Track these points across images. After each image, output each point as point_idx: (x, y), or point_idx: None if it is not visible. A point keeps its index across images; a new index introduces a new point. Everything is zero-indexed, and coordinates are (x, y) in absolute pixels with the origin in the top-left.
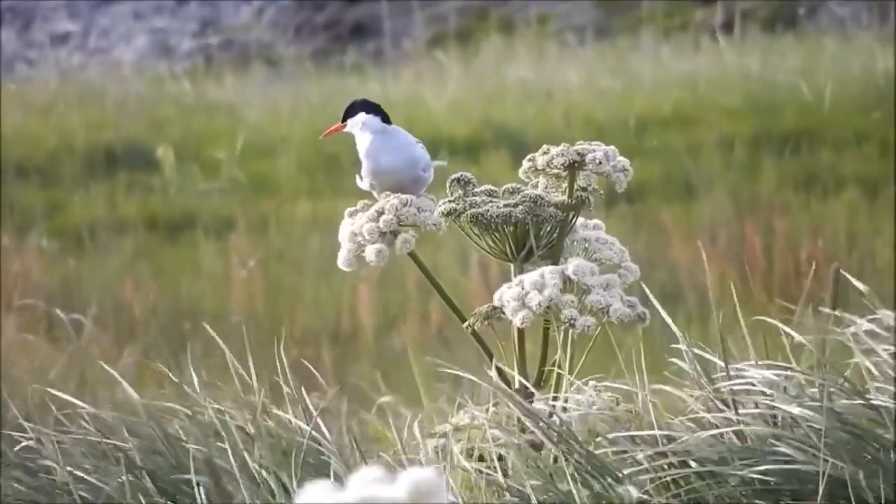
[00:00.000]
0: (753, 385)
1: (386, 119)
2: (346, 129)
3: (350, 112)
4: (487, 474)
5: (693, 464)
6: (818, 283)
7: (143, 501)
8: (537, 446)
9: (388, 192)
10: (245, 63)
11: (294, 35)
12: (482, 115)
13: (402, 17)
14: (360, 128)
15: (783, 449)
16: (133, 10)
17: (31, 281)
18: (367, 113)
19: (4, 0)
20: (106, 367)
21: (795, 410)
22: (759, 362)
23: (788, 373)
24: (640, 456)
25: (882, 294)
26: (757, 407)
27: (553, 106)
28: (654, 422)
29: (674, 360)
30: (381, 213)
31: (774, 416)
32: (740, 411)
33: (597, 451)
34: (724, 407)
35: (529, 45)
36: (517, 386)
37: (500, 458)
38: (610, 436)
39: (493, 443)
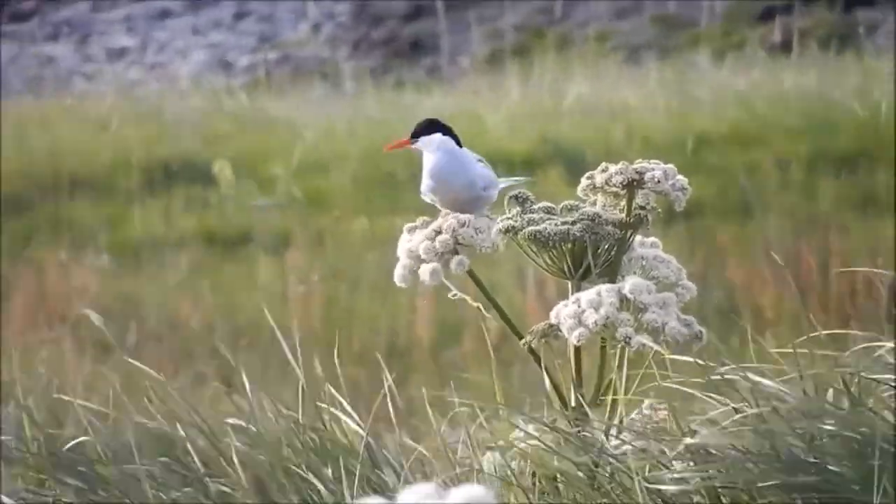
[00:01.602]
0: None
1: (458, 142)
2: (414, 146)
3: (424, 130)
4: (540, 493)
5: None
6: (874, 302)
7: None
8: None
9: (448, 211)
10: (302, 79)
11: (351, 51)
12: (539, 132)
13: (459, 33)
14: (433, 147)
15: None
16: (191, 25)
17: (88, 296)
18: (444, 134)
19: (62, 12)
20: (157, 382)
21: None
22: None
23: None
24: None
25: None
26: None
27: (610, 123)
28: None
29: (726, 375)
30: (438, 232)
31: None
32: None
33: (649, 478)
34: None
35: (587, 62)
36: (573, 404)
37: (555, 478)
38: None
39: (547, 462)
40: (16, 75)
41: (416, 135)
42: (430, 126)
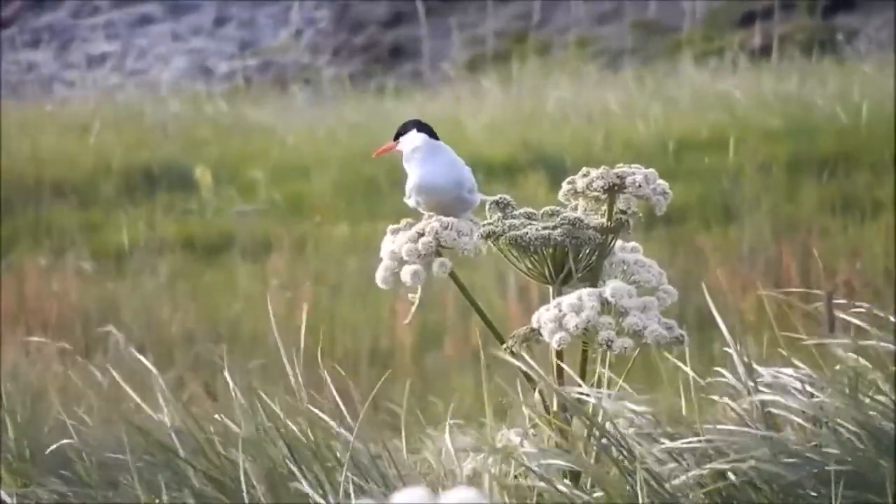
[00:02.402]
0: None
1: (435, 137)
2: (398, 148)
3: (403, 131)
4: (525, 497)
5: (732, 474)
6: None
7: None
8: (575, 472)
9: (431, 213)
10: (283, 85)
11: (332, 57)
12: (520, 138)
13: (439, 39)
14: (411, 145)
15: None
16: (171, 32)
17: (69, 302)
18: (420, 131)
19: (43, 19)
20: (139, 388)
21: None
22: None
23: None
24: (688, 463)
25: None
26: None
27: (591, 128)
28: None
29: (719, 369)
30: (421, 234)
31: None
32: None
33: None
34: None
35: (568, 67)
36: (555, 408)
37: (534, 483)
38: (658, 448)
39: (529, 465)
40: None
41: (396, 137)
42: (406, 126)
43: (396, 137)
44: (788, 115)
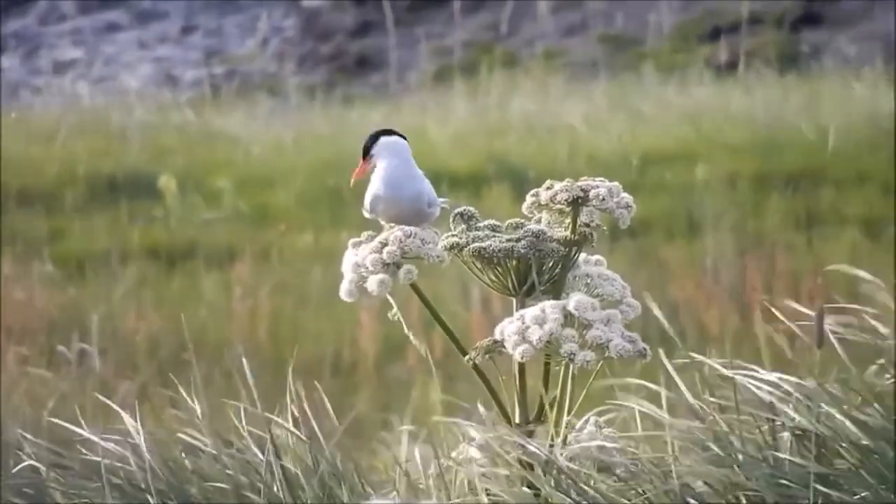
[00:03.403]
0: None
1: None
2: (372, 162)
3: (371, 143)
4: None
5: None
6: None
7: None
8: (535, 486)
9: (392, 224)
10: (249, 93)
11: (298, 66)
12: (485, 149)
13: (407, 49)
14: (386, 151)
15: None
16: (138, 39)
17: (33, 308)
18: (388, 136)
19: (9, 24)
20: (101, 396)
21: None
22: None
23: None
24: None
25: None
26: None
27: (556, 141)
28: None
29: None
30: (384, 244)
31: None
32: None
33: (595, 487)
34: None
35: (534, 79)
36: (517, 420)
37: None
38: (609, 475)
39: (490, 478)
40: None
41: (377, 138)
42: (373, 137)
43: (365, 154)
44: (754, 129)
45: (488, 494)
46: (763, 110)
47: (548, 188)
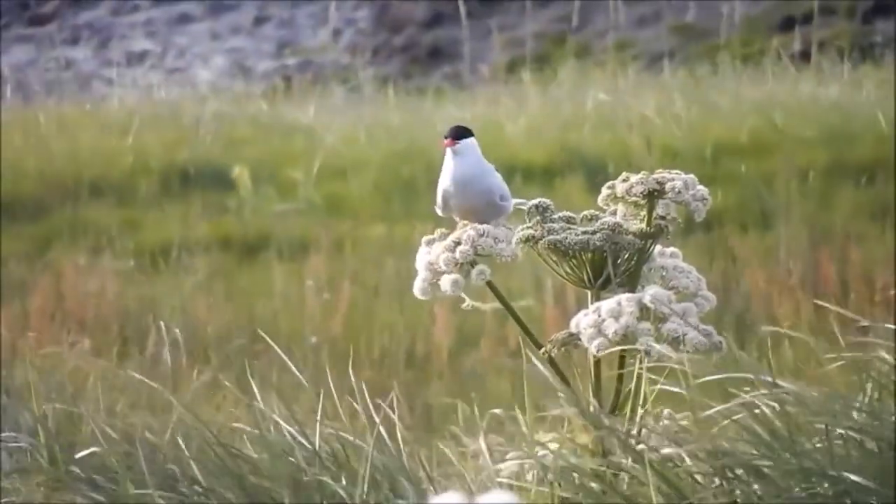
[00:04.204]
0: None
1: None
2: (455, 147)
3: (463, 134)
4: (560, 502)
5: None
6: (891, 311)
7: None
8: (612, 474)
9: (465, 222)
10: (322, 84)
11: (371, 57)
12: (558, 141)
13: (479, 41)
14: (464, 151)
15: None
16: (210, 31)
17: (106, 300)
18: (465, 137)
19: (82, 16)
20: (173, 388)
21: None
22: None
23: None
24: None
25: None
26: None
27: (629, 132)
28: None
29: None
30: (457, 243)
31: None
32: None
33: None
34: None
35: (606, 71)
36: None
37: (575, 488)
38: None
39: (565, 470)
40: (35, 79)
41: (457, 137)
42: (466, 131)
43: (456, 137)
44: (826, 121)
45: (560, 487)
46: (835, 101)
47: (623, 180)
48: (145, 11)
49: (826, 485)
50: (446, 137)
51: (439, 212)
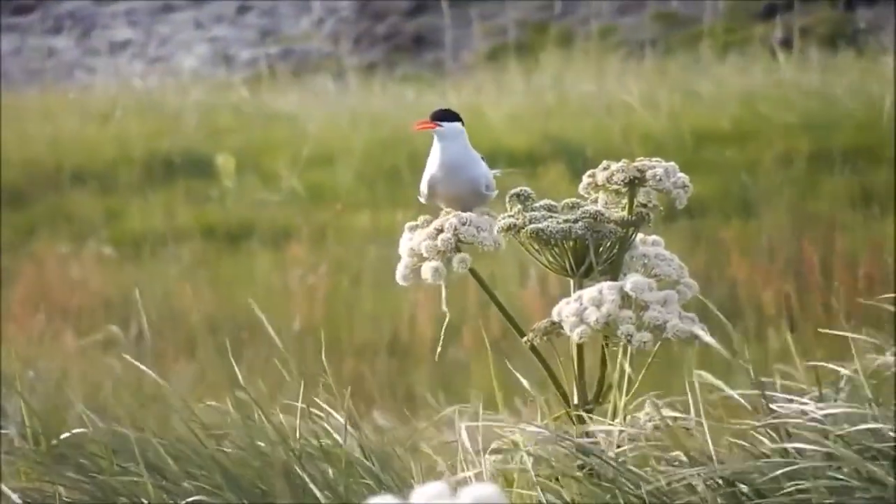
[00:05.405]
0: (807, 413)
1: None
2: (435, 130)
3: (447, 117)
4: (543, 491)
5: (743, 487)
6: (873, 297)
7: None
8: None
9: (448, 210)
10: (304, 73)
11: (354, 46)
12: (541, 129)
13: (462, 28)
14: (453, 135)
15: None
16: (193, 19)
17: (89, 288)
18: (451, 121)
19: (64, 5)
20: (156, 376)
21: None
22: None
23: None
24: (695, 482)
25: None
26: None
27: (612, 120)
28: (709, 443)
29: (725, 389)
30: (440, 230)
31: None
32: (793, 441)
33: (649, 481)
34: (774, 435)
35: (589, 58)
36: (575, 402)
37: (557, 478)
38: (661, 467)
39: (548, 461)
40: (18, 68)
41: (441, 119)
42: (452, 114)
43: (438, 119)
44: (809, 108)
45: (539, 478)
46: (818, 88)
47: (604, 169)
48: (128, 1)
49: (809, 484)
50: (431, 119)
51: (423, 200)
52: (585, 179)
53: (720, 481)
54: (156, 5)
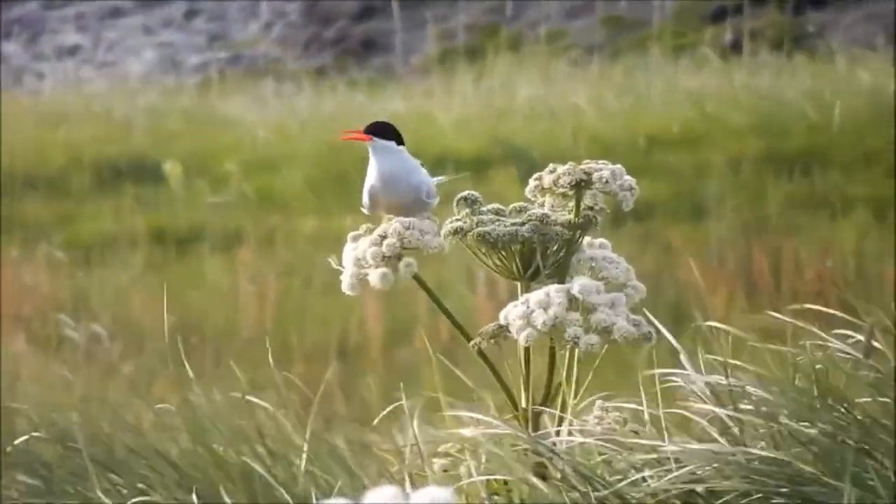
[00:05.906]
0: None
1: (401, 142)
2: (368, 143)
3: (382, 132)
4: (490, 494)
5: (698, 486)
6: (823, 301)
7: None
8: (542, 474)
9: (390, 217)
10: (253, 78)
11: (302, 50)
12: (490, 132)
13: (411, 32)
14: (386, 152)
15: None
16: (141, 24)
17: (40, 293)
18: (398, 144)
19: (12, 12)
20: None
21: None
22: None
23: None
24: (647, 475)
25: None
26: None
27: (561, 124)
28: (664, 437)
29: (675, 379)
30: (383, 237)
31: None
32: (745, 431)
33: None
34: (731, 424)
35: (538, 62)
36: (523, 405)
37: (505, 481)
38: (617, 462)
39: (496, 465)
40: None
41: (374, 133)
42: (387, 130)
43: (372, 133)
44: (759, 111)
45: (490, 479)
46: (768, 92)
47: (551, 172)
48: (76, 5)
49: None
50: (365, 132)
51: (366, 211)
52: (532, 182)
53: (673, 479)
54: (104, 10)
